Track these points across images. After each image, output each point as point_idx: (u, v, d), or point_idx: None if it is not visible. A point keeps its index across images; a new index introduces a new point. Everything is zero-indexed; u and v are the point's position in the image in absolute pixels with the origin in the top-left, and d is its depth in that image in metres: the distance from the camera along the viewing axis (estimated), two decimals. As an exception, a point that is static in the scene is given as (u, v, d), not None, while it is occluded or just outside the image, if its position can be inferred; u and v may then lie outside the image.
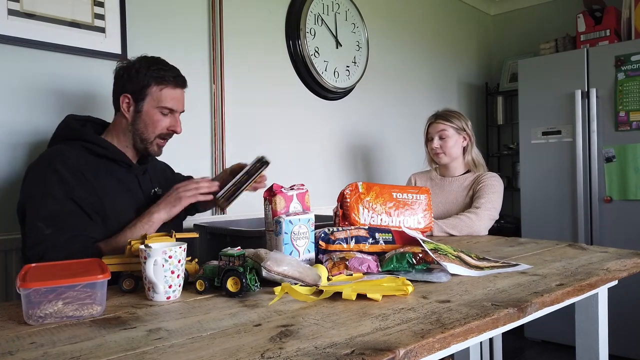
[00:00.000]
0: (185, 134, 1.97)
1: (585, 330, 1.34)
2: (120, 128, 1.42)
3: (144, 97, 1.38)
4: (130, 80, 1.37)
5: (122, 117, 1.41)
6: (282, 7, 2.41)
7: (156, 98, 1.39)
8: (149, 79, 1.37)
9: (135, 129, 1.40)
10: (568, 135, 2.96)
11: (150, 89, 1.38)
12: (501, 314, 0.83)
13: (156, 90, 1.38)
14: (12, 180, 1.58)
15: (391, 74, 3.04)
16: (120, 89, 1.39)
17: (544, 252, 1.44)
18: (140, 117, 1.39)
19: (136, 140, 1.42)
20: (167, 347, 0.70)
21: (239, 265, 0.98)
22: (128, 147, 1.43)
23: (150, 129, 1.40)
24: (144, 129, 1.40)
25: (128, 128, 1.41)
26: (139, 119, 1.39)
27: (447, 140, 2.08)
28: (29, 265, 0.96)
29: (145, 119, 1.39)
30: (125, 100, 1.38)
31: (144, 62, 1.39)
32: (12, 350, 0.71)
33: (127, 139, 1.42)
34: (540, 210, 3.10)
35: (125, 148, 1.43)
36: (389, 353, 0.66)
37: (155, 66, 1.39)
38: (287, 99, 2.43)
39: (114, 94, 1.42)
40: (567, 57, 2.98)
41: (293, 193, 1.29)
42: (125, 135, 1.42)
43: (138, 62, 1.40)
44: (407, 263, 1.13)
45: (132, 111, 1.39)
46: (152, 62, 1.40)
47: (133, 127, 1.40)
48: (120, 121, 1.42)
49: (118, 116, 1.42)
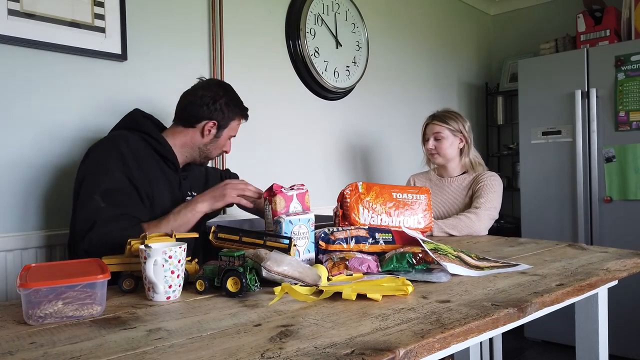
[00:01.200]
0: (185, 134, 1.98)
1: (585, 330, 1.34)
2: (189, 140, 1.54)
3: (226, 127, 1.56)
4: (218, 111, 1.52)
5: (197, 134, 1.53)
6: (282, 7, 2.41)
7: (233, 128, 1.59)
8: (235, 114, 1.57)
9: (207, 149, 1.56)
10: (568, 135, 2.96)
11: (233, 122, 1.57)
12: (501, 314, 0.83)
13: (235, 123, 1.59)
14: (7, 182, 1.58)
15: (391, 74, 3.04)
16: (208, 115, 1.52)
17: (544, 252, 1.44)
18: (217, 142, 1.56)
19: (201, 156, 1.58)
20: (167, 347, 0.70)
21: (239, 265, 0.98)
22: (184, 156, 1.56)
23: (217, 151, 1.60)
24: (213, 150, 1.58)
25: (199, 145, 1.55)
26: (214, 143, 1.56)
27: (442, 142, 2.08)
28: (28, 265, 0.96)
29: (220, 144, 1.58)
30: (210, 126, 1.53)
31: (229, 94, 1.56)
32: (12, 350, 0.71)
33: (190, 150, 1.56)
34: (540, 210, 3.10)
35: (181, 154, 1.55)
36: (389, 353, 0.66)
37: (238, 101, 1.59)
38: (287, 99, 2.43)
39: (196, 113, 1.52)
40: (567, 57, 2.98)
41: (293, 193, 1.29)
42: (192, 148, 1.55)
43: (225, 92, 1.55)
44: (407, 263, 1.13)
45: (212, 135, 1.54)
46: (235, 96, 1.58)
47: (205, 147, 1.56)
48: (193, 137, 1.54)
49: (190, 130, 1.53)
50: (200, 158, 1.59)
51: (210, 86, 1.55)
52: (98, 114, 1.76)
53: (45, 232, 1.63)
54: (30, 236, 1.59)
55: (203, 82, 1.58)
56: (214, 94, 1.52)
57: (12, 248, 1.56)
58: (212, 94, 1.52)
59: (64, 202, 1.67)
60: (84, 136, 1.73)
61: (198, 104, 1.52)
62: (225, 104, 1.53)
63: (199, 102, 1.52)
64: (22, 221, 1.60)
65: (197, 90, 1.54)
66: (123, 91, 1.83)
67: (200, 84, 1.57)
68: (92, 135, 1.73)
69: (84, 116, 1.73)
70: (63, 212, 1.66)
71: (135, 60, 1.85)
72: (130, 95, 1.84)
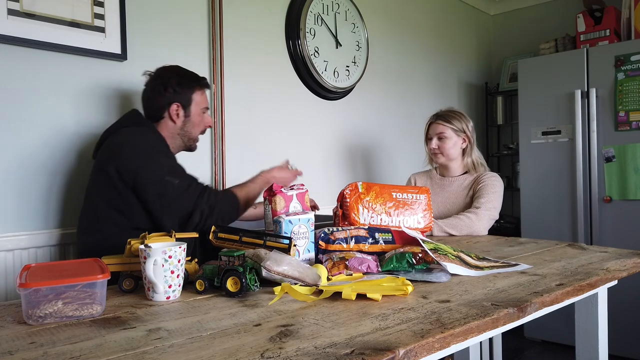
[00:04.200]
0: (185, 133, 1.98)
1: (585, 330, 1.34)
2: (166, 132, 1.58)
3: (190, 103, 1.59)
4: (173, 93, 1.56)
5: (168, 122, 1.58)
6: (282, 7, 2.41)
7: (198, 102, 1.61)
8: (191, 88, 1.59)
9: (185, 131, 1.60)
10: (568, 135, 2.96)
11: (194, 95, 1.60)
12: (501, 314, 0.83)
13: (197, 95, 1.61)
14: (8, 182, 1.58)
15: (391, 73, 3.04)
16: (167, 100, 1.56)
17: (543, 252, 1.44)
18: (190, 120, 1.60)
19: (184, 140, 1.62)
20: (167, 347, 0.70)
21: (239, 265, 0.98)
22: (173, 149, 1.61)
23: (197, 128, 1.63)
24: (192, 129, 1.61)
25: (176, 131, 1.59)
26: (188, 123, 1.60)
27: (446, 142, 2.08)
28: (28, 265, 0.96)
29: (193, 121, 1.61)
30: (174, 109, 1.57)
31: (178, 72, 1.59)
32: (12, 350, 0.71)
33: (172, 141, 1.60)
34: (540, 210, 3.10)
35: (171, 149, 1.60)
36: (389, 353, 0.66)
37: (190, 75, 1.61)
38: (286, 99, 2.43)
39: (157, 104, 1.57)
40: (567, 57, 2.97)
41: (293, 193, 1.29)
42: (173, 138, 1.60)
43: (173, 73, 1.58)
44: (407, 263, 1.13)
45: (181, 116, 1.58)
46: (185, 71, 1.61)
47: (183, 130, 1.60)
48: (165, 126, 1.58)
49: (163, 122, 1.58)
50: (186, 142, 1.63)
51: (156, 75, 1.59)
52: (98, 114, 1.76)
53: (45, 232, 1.63)
54: (31, 236, 1.59)
55: (150, 76, 1.60)
56: (162, 80, 1.56)
57: (12, 248, 1.56)
58: (160, 80, 1.57)
59: (64, 202, 1.67)
60: (84, 136, 1.73)
61: (153, 96, 1.57)
62: (176, 83, 1.56)
63: (153, 94, 1.57)
64: (22, 221, 1.60)
65: (147, 85, 1.60)
66: (123, 91, 1.83)
67: (148, 79, 1.60)
68: (92, 135, 1.73)
69: (84, 116, 1.73)
70: (63, 211, 1.66)
71: (135, 60, 1.85)
72: (130, 95, 1.84)
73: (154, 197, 1.38)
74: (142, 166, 1.39)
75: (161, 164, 1.41)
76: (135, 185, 1.38)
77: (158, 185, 1.37)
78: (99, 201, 1.42)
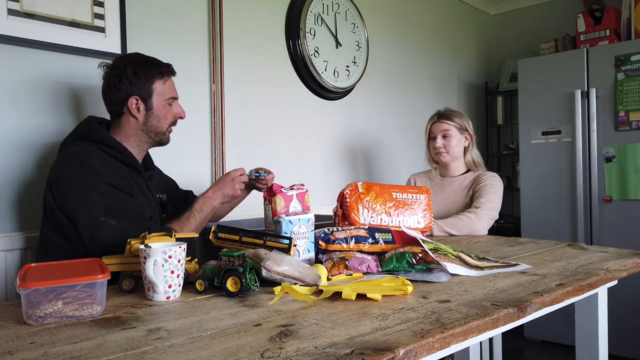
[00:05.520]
0: (185, 134, 1.98)
1: (585, 330, 1.34)
2: (129, 129, 1.44)
3: (151, 95, 1.43)
4: (129, 84, 1.40)
5: (129, 118, 1.43)
6: (282, 7, 2.41)
7: (161, 92, 1.44)
8: (151, 77, 1.42)
9: (148, 126, 1.45)
10: (568, 135, 2.96)
11: (155, 85, 1.43)
12: (501, 314, 0.83)
13: (159, 85, 1.44)
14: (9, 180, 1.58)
15: (391, 73, 3.04)
16: (124, 94, 1.40)
17: (543, 252, 1.44)
18: (153, 113, 1.44)
19: (150, 135, 1.47)
20: (167, 347, 0.70)
21: (239, 265, 0.98)
22: (137, 147, 1.47)
23: (163, 122, 1.47)
24: (157, 123, 1.46)
25: (140, 127, 1.44)
26: (151, 116, 1.44)
27: (450, 140, 2.09)
28: (28, 265, 0.96)
29: (157, 114, 1.45)
30: (133, 102, 1.41)
31: (135, 61, 1.43)
32: (12, 350, 0.71)
33: (137, 139, 1.46)
34: (540, 210, 3.10)
35: (134, 148, 1.46)
36: (389, 353, 0.66)
37: (149, 63, 1.44)
38: (287, 99, 2.43)
39: (114, 99, 1.42)
40: (567, 57, 2.97)
41: (293, 193, 1.30)
42: (137, 134, 1.45)
43: (129, 62, 1.42)
44: (407, 263, 1.13)
45: (142, 110, 1.43)
46: (143, 59, 1.44)
47: (146, 125, 1.45)
48: (127, 122, 1.44)
49: (124, 118, 1.44)
50: (153, 137, 1.47)
51: (113, 66, 1.43)
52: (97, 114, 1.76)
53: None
54: (31, 236, 1.59)
55: (107, 67, 1.46)
56: (118, 71, 1.40)
57: (12, 248, 1.56)
58: (116, 71, 1.41)
59: (64, 202, 1.67)
60: (84, 136, 1.73)
61: (110, 89, 1.42)
62: (133, 74, 1.39)
63: (109, 87, 1.42)
64: (22, 221, 1.60)
65: (104, 78, 1.44)
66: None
67: (105, 71, 1.45)
68: (92, 135, 1.73)
69: (84, 115, 1.73)
70: (63, 212, 1.66)
71: (135, 60, 1.85)
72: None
73: (88, 237, 1.24)
74: (76, 201, 1.25)
75: (96, 202, 1.24)
76: (69, 219, 1.27)
77: (91, 226, 1.23)
78: (46, 225, 1.34)
